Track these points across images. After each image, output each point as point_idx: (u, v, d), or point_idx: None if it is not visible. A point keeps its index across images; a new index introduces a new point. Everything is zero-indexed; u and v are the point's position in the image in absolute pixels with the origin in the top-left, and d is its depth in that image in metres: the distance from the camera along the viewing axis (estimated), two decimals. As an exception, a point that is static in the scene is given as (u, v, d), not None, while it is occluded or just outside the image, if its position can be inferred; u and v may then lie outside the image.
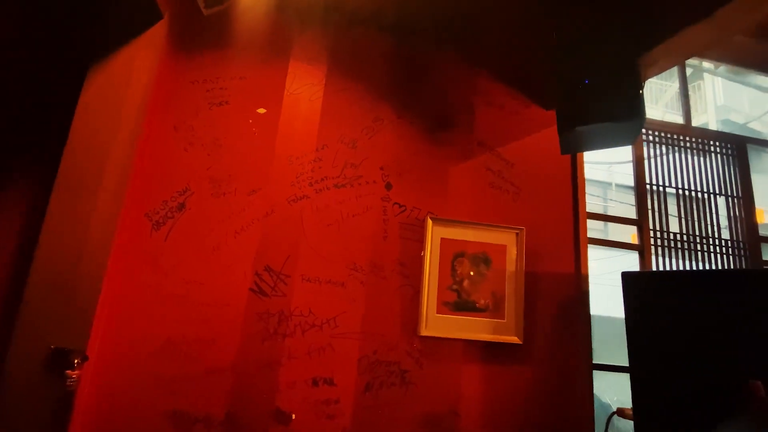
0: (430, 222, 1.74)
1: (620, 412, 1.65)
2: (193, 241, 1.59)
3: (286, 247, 1.64)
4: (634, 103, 1.20)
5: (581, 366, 1.76)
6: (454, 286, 1.72)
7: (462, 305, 1.71)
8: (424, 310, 1.66)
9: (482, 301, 1.72)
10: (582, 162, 1.96)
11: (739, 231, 2.19)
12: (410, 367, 1.64)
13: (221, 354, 1.53)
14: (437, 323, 1.67)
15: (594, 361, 1.82)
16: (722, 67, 3.03)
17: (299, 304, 1.61)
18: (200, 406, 1.48)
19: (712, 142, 2.29)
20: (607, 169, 7.05)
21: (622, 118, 1.21)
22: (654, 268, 2.02)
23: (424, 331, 1.65)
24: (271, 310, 1.58)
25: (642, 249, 2.03)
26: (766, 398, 1.15)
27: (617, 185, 7.09)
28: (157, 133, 1.65)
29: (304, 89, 1.82)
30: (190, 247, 1.59)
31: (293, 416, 1.54)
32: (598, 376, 1.79)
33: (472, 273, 1.74)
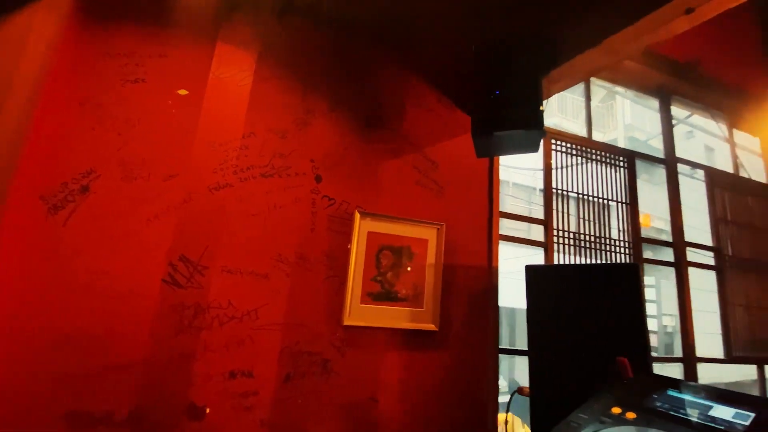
0: (358, 216, 1.79)
1: (520, 390, 1.84)
2: (98, 227, 1.47)
3: (205, 237, 1.58)
4: (536, 115, 1.35)
5: (489, 350, 1.93)
6: (378, 278, 1.79)
7: (385, 295, 1.78)
8: (348, 301, 1.70)
9: (403, 292, 1.81)
10: (498, 165, 2.13)
11: (626, 232, 2.54)
12: (333, 356, 1.68)
13: (129, 348, 1.44)
14: (361, 313, 1.73)
15: (515, 347, 2.00)
16: (630, 90, 3.50)
17: (218, 295, 1.57)
18: (103, 404, 1.38)
19: (608, 155, 2.62)
20: (532, 175, 7.68)
21: (526, 127, 1.36)
22: (555, 263, 2.27)
23: (348, 321, 1.69)
24: (186, 302, 1.52)
25: (546, 246, 2.27)
26: (630, 370, 1.36)
27: (540, 190, 7.75)
28: (59, 108, 1.49)
29: (232, 74, 1.75)
30: (95, 233, 1.47)
31: (207, 410, 1.50)
32: (519, 360, 1.98)
33: (395, 265, 1.82)
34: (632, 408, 1.23)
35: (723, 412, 1.10)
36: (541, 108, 1.35)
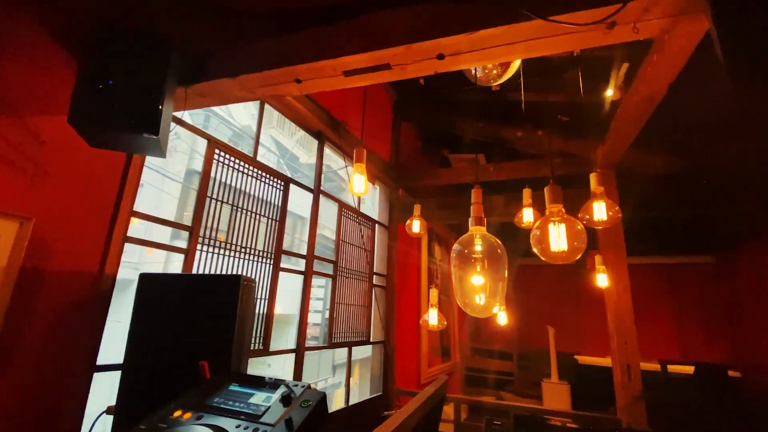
0: None
1: (109, 410, 1.68)
2: None
3: None
4: (153, 119, 1.31)
5: (82, 368, 1.67)
6: None
7: None
8: None
9: (-73, 307, 1.27)
10: (140, 160, 1.94)
11: (271, 245, 2.94)
12: None
13: None
14: None
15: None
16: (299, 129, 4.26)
17: None
18: None
19: (269, 176, 2.97)
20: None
21: (136, 130, 1.29)
22: (195, 271, 2.29)
23: None
24: None
25: (187, 252, 2.26)
26: (207, 372, 1.52)
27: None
28: None
29: None
30: None
31: None
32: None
33: None
34: (192, 408, 1.35)
35: (258, 397, 1.40)
36: (159, 108, 1.31)
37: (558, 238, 1.62)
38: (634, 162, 3.80)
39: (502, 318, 4.16)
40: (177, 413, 1.32)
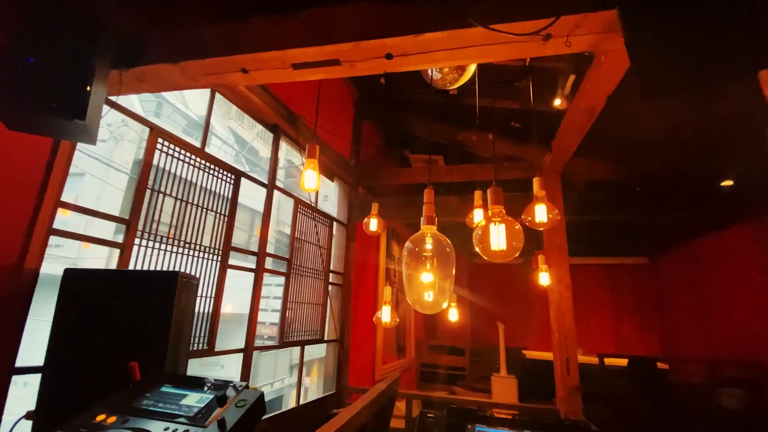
0: None
1: (29, 415, 1.55)
2: None
3: None
4: (79, 104, 1.22)
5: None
6: None
7: None
8: None
9: None
10: (69, 147, 1.80)
11: (219, 241, 2.83)
12: None
13: None
14: None
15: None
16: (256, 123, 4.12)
17: None
18: None
19: (218, 169, 2.86)
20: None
21: (60, 114, 1.19)
22: (132, 267, 2.16)
23: None
24: None
25: (123, 247, 2.13)
26: (137, 374, 1.44)
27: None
28: None
29: None
30: None
31: None
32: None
33: None
34: (118, 412, 1.28)
35: (192, 398, 1.34)
36: (86, 90, 1.21)
37: (498, 237, 1.70)
38: (577, 169, 4.05)
39: (453, 314, 4.28)
40: (100, 417, 1.24)
